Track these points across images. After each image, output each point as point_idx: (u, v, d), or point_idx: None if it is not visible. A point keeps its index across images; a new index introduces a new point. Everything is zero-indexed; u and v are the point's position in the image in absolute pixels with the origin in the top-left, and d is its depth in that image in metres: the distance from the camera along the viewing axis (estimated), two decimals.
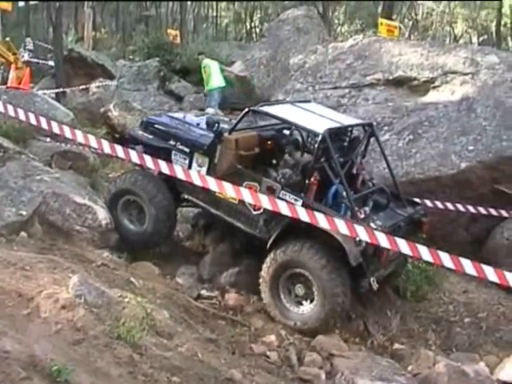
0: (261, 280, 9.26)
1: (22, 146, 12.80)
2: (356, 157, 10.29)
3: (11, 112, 9.55)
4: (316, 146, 9.25)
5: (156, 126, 10.94)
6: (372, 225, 8.80)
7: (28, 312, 5.77)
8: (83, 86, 27.53)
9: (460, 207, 11.60)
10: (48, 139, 13.86)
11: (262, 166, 9.97)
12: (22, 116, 9.54)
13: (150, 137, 10.77)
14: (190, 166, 10.09)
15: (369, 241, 7.56)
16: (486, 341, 9.72)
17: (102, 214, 10.12)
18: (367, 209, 9.55)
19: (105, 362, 5.35)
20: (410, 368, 8.09)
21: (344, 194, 9.18)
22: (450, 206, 11.57)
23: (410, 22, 57.04)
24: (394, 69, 14.37)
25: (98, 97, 26.13)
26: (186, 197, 10.31)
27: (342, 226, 7.71)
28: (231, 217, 9.72)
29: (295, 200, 9.02)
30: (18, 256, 7.37)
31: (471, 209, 11.61)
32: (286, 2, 49.41)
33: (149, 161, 8.79)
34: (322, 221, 7.81)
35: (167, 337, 6.64)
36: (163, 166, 8.74)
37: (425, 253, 7.12)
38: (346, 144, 10.31)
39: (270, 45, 23.89)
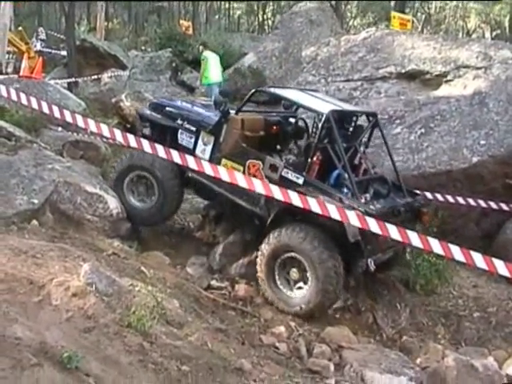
0: (259, 281, 9.37)
1: (34, 135, 12.88)
2: (359, 145, 10.37)
3: (24, 100, 9.57)
4: (320, 125, 9.38)
5: (164, 106, 11.09)
6: (371, 207, 8.91)
7: (39, 299, 5.79)
8: (95, 76, 27.52)
9: (471, 202, 11.57)
10: (60, 129, 13.93)
11: (266, 150, 10.05)
12: (34, 104, 9.55)
13: (159, 116, 10.92)
14: (195, 145, 10.30)
15: (380, 232, 7.55)
16: (495, 335, 9.73)
17: (113, 204, 10.17)
18: (368, 195, 9.62)
19: (115, 350, 5.38)
20: (418, 361, 8.08)
21: (346, 176, 9.27)
22: (461, 200, 11.54)
23: (423, 16, 56.88)
24: (407, 62, 14.34)
25: (109, 87, 26.16)
26: (190, 175, 10.29)
27: (352, 218, 7.72)
28: (234, 195, 9.78)
29: (297, 178, 9.20)
30: (29, 244, 7.41)
31: (482, 203, 11.58)
32: None
33: (161, 150, 8.80)
34: (332, 211, 7.84)
35: (177, 326, 6.67)
36: (175, 156, 8.74)
37: (436, 246, 7.10)
38: (349, 131, 10.35)
39: (282, 37, 23.88)
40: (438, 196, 11.46)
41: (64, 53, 31.66)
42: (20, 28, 30.12)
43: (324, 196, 8.74)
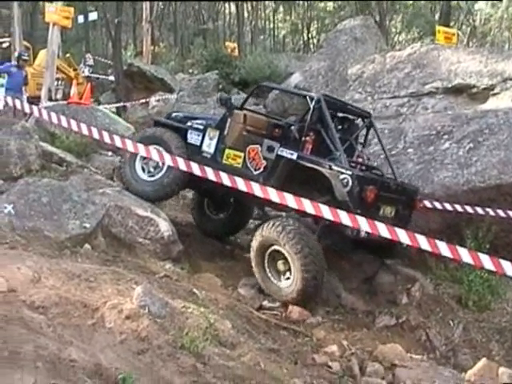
0: (254, 273, 9.87)
1: (85, 160, 13.10)
2: (355, 141, 11.04)
3: (74, 126, 9.74)
4: (311, 106, 10.14)
5: (178, 115, 12.19)
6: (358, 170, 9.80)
7: (93, 322, 5.86)
8: (143, 100, 27.86)
9: None
10: (109, 153, 14.13)
11: None
12: (84, 130, 9.72)
13: (171, 122, 11.81)
14: (202, 141, 11.14)
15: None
16: None
17: (165, 227, 10.24)
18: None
19: (169, 372, 5.41)
20: (472, 379, 7.97)
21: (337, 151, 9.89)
22: None
23: (468, 29, 56.41)
24: (453, 76, 14.27)
25: (158, 110, 26.45)
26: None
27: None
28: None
29: (291, 154, 9.98)
30: (82, 268, 7.50)
31: None
32: (343, 13, 49.35)
33: (210, 173, 8.92)
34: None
35: (230, 347, 6.69)
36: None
37: (487, 261, 7.04)
38: (344, 127, 10.96)
39: (327, 55, 23.82)
40: (489, 211, 11.31)
41: (112, 78, 32.14)
42: (68, 54, 30.59)
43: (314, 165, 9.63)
